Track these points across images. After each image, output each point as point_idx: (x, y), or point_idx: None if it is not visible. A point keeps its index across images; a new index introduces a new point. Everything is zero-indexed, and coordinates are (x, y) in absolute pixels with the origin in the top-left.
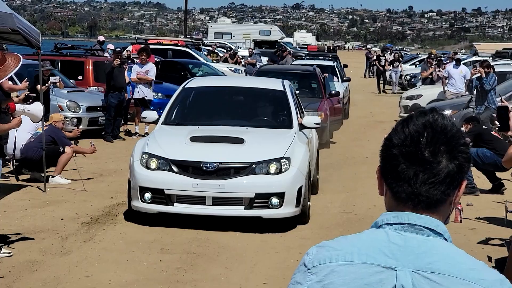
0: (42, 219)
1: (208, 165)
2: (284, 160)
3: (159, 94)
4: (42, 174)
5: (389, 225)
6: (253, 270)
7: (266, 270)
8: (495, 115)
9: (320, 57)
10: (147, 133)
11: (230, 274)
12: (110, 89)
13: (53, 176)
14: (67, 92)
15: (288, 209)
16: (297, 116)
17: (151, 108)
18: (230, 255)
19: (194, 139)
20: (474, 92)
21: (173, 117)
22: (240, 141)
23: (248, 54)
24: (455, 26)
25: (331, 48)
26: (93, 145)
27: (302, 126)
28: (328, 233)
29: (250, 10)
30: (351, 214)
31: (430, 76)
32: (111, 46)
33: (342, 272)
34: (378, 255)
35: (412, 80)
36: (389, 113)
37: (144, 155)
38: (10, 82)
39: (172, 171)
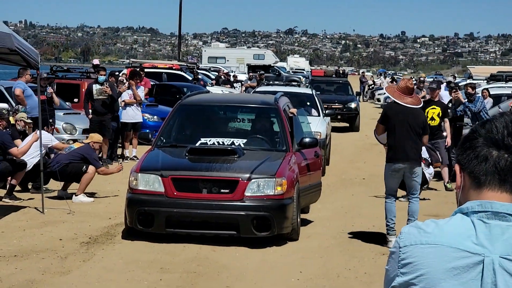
0: (41, 239)
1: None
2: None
3: (155, 117)
4: (69, 191)
5: (474, 213)
6: None
7: None
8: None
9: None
10: (135, 157)
11: None
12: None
13: (76, 195)
14: (63, 114)
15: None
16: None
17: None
18: (230, 274)
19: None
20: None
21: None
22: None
23: (248, 78)
24: (448, 51)
25: (341, 72)
26: (120, 163)
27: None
28: (328, 252)
29: (243, 35)
30: (350, 234)
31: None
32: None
33: (431, 254)
34: (466, 241)
35: None
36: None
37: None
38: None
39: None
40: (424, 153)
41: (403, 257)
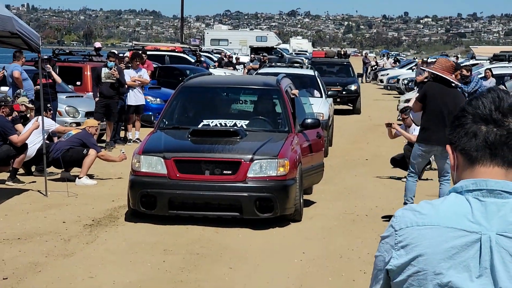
0: (44, 222)
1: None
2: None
3: (157, 99)
4: (72, 174)
5: (469, 192)
6: (256, 270)
7: (269, 269)
8: None
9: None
10: (138, 139)
11: (234, 274)
12: None
13: (79, 178)
14: (66, 97)
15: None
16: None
17: (149, 113)
18: (233, 255)
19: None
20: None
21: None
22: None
23: (250, 60)
24: (451, 32)
25: (342, 54)
26: (123, 152)
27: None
28: (331, 233)
29: (246, 17)
30: (353, 215)
31: (426, 80)
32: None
33: (428, 235)
34: (462, 220)
35: (409, 84)
36: (387, 117)
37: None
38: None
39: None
40: None
41: (400, 240)
